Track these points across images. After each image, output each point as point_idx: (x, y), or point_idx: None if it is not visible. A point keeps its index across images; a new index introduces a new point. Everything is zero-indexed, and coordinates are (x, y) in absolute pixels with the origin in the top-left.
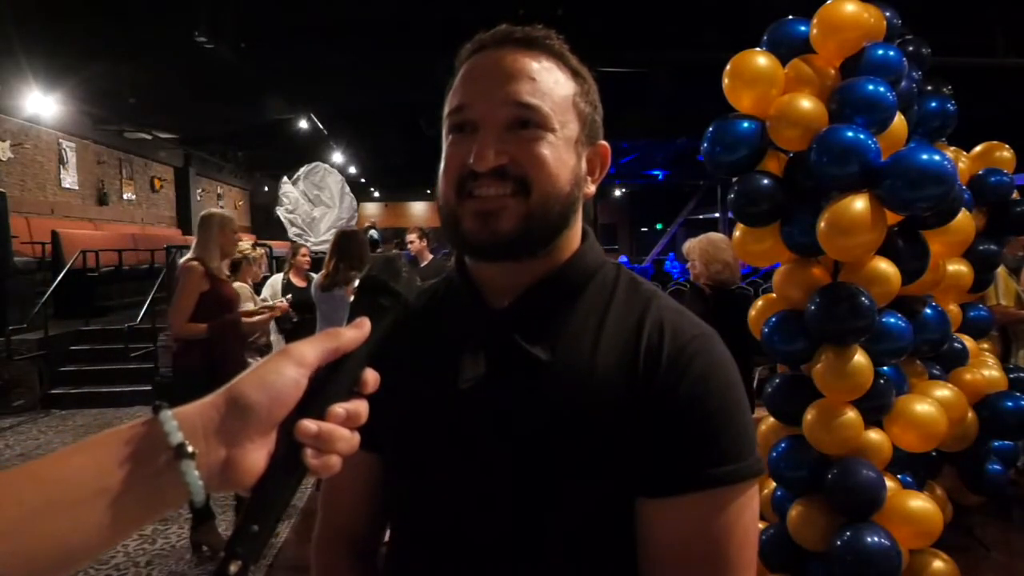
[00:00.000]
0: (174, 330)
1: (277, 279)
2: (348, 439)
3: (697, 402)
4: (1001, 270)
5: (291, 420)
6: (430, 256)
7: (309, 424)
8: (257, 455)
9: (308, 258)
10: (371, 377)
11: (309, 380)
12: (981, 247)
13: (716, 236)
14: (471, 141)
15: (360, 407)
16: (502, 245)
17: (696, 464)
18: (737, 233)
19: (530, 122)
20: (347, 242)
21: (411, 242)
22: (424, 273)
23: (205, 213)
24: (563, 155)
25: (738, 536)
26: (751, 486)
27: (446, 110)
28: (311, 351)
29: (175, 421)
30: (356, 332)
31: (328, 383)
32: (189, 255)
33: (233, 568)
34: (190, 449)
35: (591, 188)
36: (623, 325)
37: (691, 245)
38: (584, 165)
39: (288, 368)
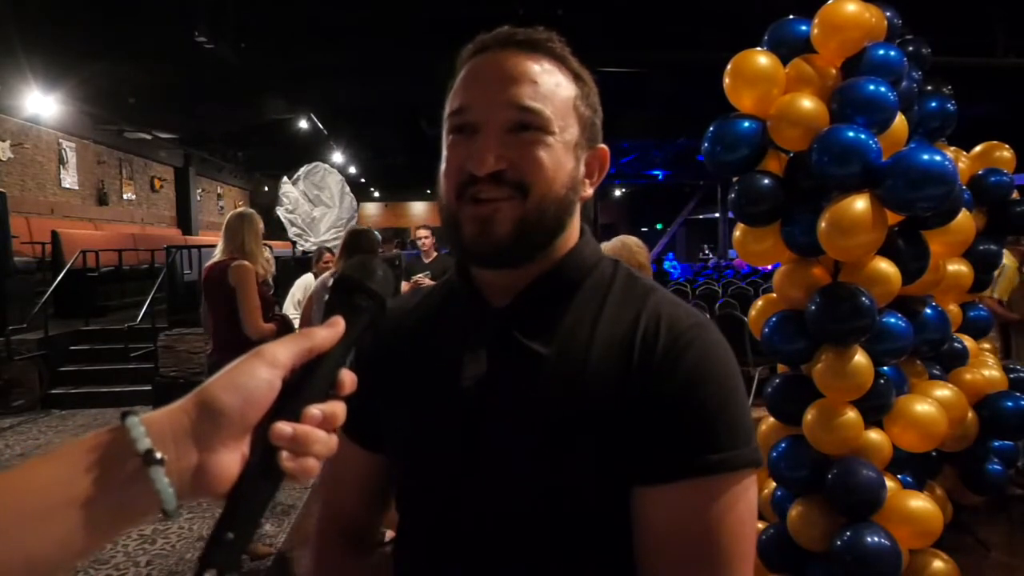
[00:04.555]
0: (254, 331)
1: (309, 278)
2: (325, 441)
3: (692, 390)
4: (1010, 263)
5: (266, 423)
6: (436, 254)
7: (284, 427)
8: (230, 460)
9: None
10: (348, 378)
11: (283, 381)
12: (981, 247)
13: (630, 239)
14: (471, 143)
15: (337, 408)
16: (499, 252)
17: (690, 451)
18: (737, 233)
19: (531, 125)
20: (359, 240)
21: (423, 238)
22: (429, 269)
23: (245, 212)
24: (561, 158)
25: (733, 525)
26: (747, 475)
27: (447, 111)
28: (284, 352)
29: (143, 427)
30: (330, 331)
31: (303, 384)
32: (225, 257)
33: None
34: (158, 455)
35: (589, 191)
36: (620, 318)
37: (604, 248)
38: (583, 168)
39: (261, 370)
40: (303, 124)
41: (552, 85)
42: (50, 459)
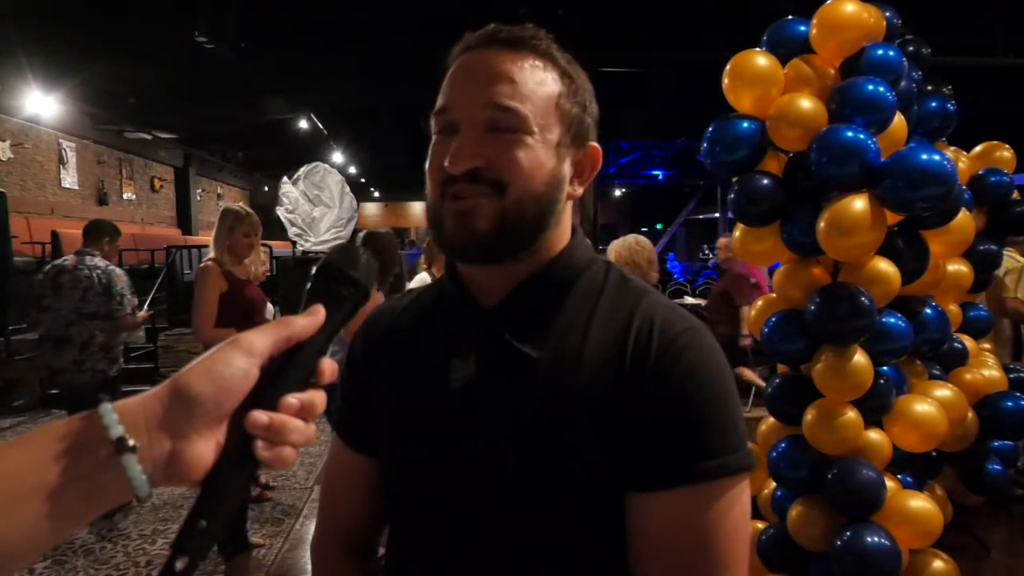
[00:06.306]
0: (199, 335)
1: (424, 276)
2: (302, 430)
3: (686, 395)
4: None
5: (242, 411)
6: None
7: (259, 415)
8: (204, 448)
9: None
10: (328, 367)
11: (261, 370)
12: (981, 247)
13: (633, 240)
14: (451, 142)
15: (316, 397)
16: (480, 246)
17: (685, 458)
18: (737, 233)
19: (508, 125)
20: (374, 242)
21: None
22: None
23: (223, 208)
24: (541, 157)
25: (728, 530)
26: (741, 480)
27: (433, 110)
28: (261, 340)
29: (115, 414)
30: (309, 320)
31: (281, 373)
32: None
33: (179, 564)
34: (131, 442)
35: (578, 190)
36: (612, 320)
37: (611, 246)
38: (568, 167)
39: (237, 358)
40: (303, 124)
41: (533, 83)
42: (22, 443)
